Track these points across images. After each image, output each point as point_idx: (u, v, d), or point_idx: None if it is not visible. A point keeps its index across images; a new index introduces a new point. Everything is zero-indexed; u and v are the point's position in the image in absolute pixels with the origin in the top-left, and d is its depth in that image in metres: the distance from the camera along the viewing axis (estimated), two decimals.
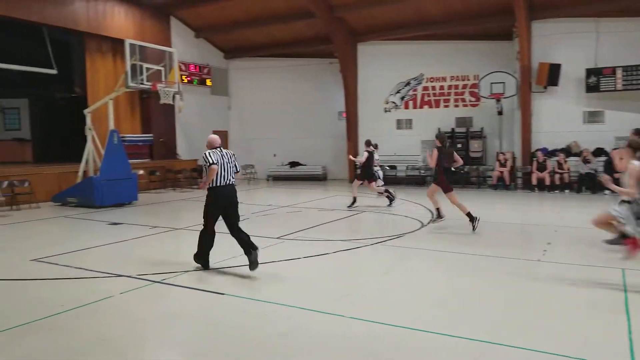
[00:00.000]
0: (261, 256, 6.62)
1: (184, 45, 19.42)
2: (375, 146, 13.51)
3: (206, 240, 6.64)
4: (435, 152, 9.37)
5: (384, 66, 19.37)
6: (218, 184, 6.50)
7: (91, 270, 6.59)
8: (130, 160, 14.26)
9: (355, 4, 17.49)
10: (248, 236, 6.51)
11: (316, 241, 8.40)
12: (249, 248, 6.35)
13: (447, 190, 9.25)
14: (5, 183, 12.71)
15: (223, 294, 5.53)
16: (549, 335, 4.30)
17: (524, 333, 4.37)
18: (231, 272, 6.58)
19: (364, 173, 12.76)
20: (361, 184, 12.88)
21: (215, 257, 7.25)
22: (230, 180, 6.64)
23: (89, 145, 14.03)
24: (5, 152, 20.65)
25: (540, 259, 7.04)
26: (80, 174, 14.08)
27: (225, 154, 6.67)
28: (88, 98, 16.62)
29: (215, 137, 6.87)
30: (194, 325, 4.70)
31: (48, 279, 6.25)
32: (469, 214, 9.01)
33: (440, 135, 9.68)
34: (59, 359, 3.98)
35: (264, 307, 5.12)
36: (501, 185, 16.21)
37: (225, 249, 7.94)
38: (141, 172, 15.77)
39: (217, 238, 6.70)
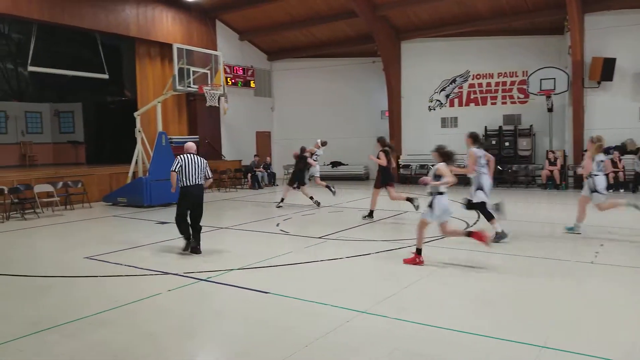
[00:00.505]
0: (303, 256, 6.65)
1: (228, 48, 19.77)
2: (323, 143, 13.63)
3: (181, 224, 7.77)
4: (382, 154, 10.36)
5: (428, 64, 19.10)
6: (186, 184, 7.61)
7: (140, 268, 6.81)
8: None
9: (399, 2, 17.32)
10: (200, 231, 7.76)
11: (359, 241, 8.37)
12: (197, 240, 7.69)
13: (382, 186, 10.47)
14: (60, 184, 13.30)
15: (268, 292, 5.59)
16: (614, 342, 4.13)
17: (576, 337, 4.21)
18: (275, 271, 6.65)
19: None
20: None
21: (260, 256, 7.36)
22: (197, 181, 7.68)
23: (139, 147, 14.50)
24: (60, 154, 21.71)
25: (593, 261, 6.77)
26: (130, 174, 14.57)
27: (194, 159, 7.71)
28: (138, 101, 17.21)
29: (190, 144, 8.09)
30: (239, 323, 4.78)
31: (100, 276, 6.49)
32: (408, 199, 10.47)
33: (381, 138, 11.00)
34: (110, 353, 4.12)
35: (308, 307, 5.14)
36: (551, 184, 15.70)
37: (270, 248, 8.05)
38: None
39: (263, 238, 6.78)
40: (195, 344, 4.38)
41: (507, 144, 17.66)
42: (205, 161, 7.85)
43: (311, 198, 12.75)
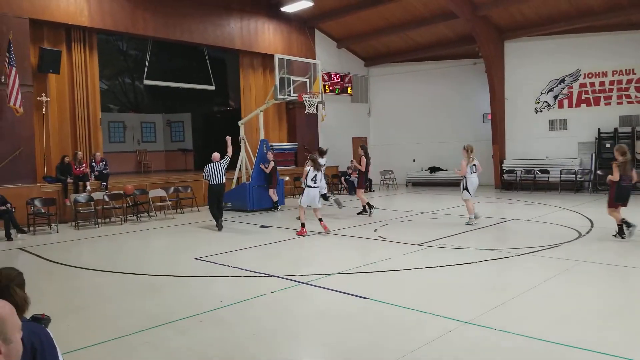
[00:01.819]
0: (402, 263, 6.58)
1: (326, 56, 20.14)
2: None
3: (213, 213, 11.17)
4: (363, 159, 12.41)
5: (534, 63, 18.08)
6: (211, 183, 11.12)
7: (245, 270, 7.12)
8: (278, 167, 15.15)
9: (502, 1, 16.59)
10: (221, 216, 11.11)
11: (460, 249, 8.12)
12: (220, 221, 10.92)
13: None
14: (172, 189, 14.32)
15: (367, 298, 5.60)
16: None
17: None
18: (374, 277, 6.65)
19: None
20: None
21: (358, 261, 7.41)
22: (218, 181, 11.09)
23: (242, 154, 15.19)
24: (172, 161, 23.38)
25: None
26: (234, 180, 15.30)
27: (217, 165, 11.12)
28: (241, 110, 18.08)
29: (215, 154, 11.29)
30: (340, 327, 4.82)
31: (208, 276, 6.88)
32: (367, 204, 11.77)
33: (362, 145, 12.94)
34: (220, 350, 4.36)
35: (408, 314, 5.08)
36: None
37: (368, 254, 8.08)
38: (287, 178, 16.64)
39: (361, 243, 6.78)
40: (300, 345, 4.50)
41: None
42: (224, 163, 11.20)
43: (368, 204, 12.58)
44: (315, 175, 9.96)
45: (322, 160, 12.58)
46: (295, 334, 4.75)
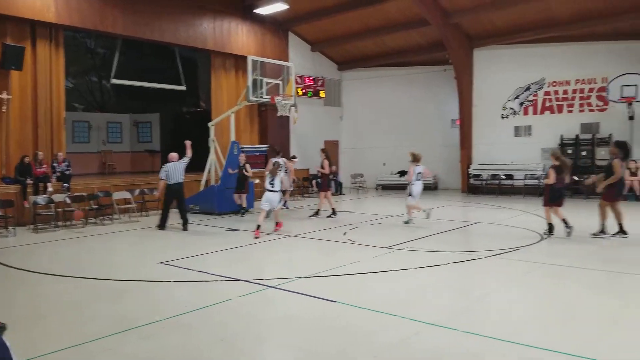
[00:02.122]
0: (371, 265, 6.63)
1: (300, 59, 20.13)
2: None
3: (165, 214, 11.26)
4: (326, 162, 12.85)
5: (501, 71, 18.52)
6: (170, 183, 11.05)
7: (211, 274, 7.03)
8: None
9: (473, 9, 16.90)
10: (185, 217, 11.24)
11: (427, 252, 8.22)
12: (185, 223, 11.11)
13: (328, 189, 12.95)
14: (137, 191, 14.00)
15: (335, 301, 5.60)
16: None
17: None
18: (343, 280, 6.66)
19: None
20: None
21: (327, 264, 7.41)
22: (177, 180, 11.10)
23: (212, 156, 15.02)
24: (138, 162, 22.91)
25: None
26: (202, 182, 15.11)
27: (176, 164, 11.18)
28: (212, 112, 17.88)
29: (173, 154, 11.48)
30: (307, 331, 4.81)
31: (173, 281, 6.76)
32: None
33: (323, 149, 13.48)
34: (184, 356, 4.28)
35: (376, 317, 5.10)
36: (631, 196, 14.69)
37: (337, 257, 8.09)
38: (257, 181, 16.54)
39: (331, 247, 6.78)
40: (266, 350, 4.46)
41: (584, 153, 16.78)
42: (184, 163, 11.27)
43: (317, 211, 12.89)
44: (273, 179, 10.14)
45: (280, 160, 12.67)
46: (261, 338, 4.71)
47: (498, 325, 4.79)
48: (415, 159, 11.26)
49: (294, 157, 16.41)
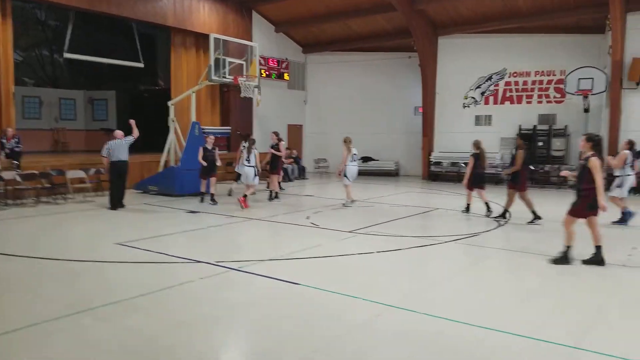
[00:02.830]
0: (334, 249, 6.60)
1: (264, 40, 19.76)
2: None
3: (112, 192, 11.15)
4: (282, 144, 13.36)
5: (464, 60, 18.74)
6: (113, 160, 10.95)
7: (172, 256, 6.82)
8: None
9: None
10: (123, 196, 11.25)
11: (389, 236, 8.26)
12: (120, 201, 11.11)
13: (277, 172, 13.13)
14: (92, 170, 13.47)
15: (298, 283, 5.54)
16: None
17: (609, 339, 4.04)
18: (305, 263, 6.60)
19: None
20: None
21: (290, 248, 7.34)
22: (120, 158, 10.98)
23: (171, 136, 14.62)
24: (93, 141, 21.99)
25: (625, 264, 6.58)
26: (162, 163, 14.71)
27: (121, 141, 11.04)
28: (172, 91, 17.34)
29: (118, 132, 11.35)
30: (269, 313, 4.74)
31: (131, 262, 6.53)
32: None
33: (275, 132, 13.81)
34: (140, 339, 4.13)
35: (338, 299, 5.08)
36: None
37: (300, 241, 8.03)
38: (219, 163, 16.22)
39: (294, 230, 6.71)
40: (224, 334, 4.35)
41: (540, 143, 17.26)
42: (128, 142, 11.16)
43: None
44: (249, 155, 11.49)
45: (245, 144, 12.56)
46: (224, 320, 4.60)
47: (455, 308, 4.86)
48: (347, 143, 11.80)
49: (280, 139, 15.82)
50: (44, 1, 14.54)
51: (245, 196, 11.17)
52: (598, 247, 6.41)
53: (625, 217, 9.47)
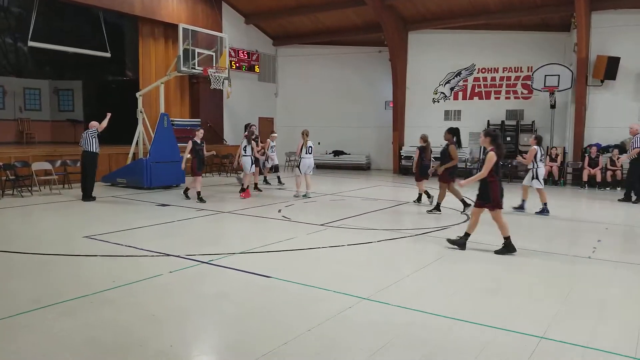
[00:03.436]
0: (305, 242, 6.63)
1: (234, 31, 19.57)
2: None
3: (82, 184, 11.21)
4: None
5: (434, 55, 18.97)
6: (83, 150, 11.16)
7: (141, 249, 6.75)
8: (178, 144, 14.52)
9: None
10: (91, 188, 11.18)
11: (360, 229, 8.34)
12: (88, 193, 11.08)
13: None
14: (59, 162, 13.16)
15: (269, 277, 5.55)
16: (603, 331, 4.11)
17: (576, 330, 4.18)
18: (277, 256, 6.61)
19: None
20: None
21: (262, 241, 7.34)
22: (85, 149, 11.08)
23: (140, 128, 14.37)
24: (59, 132, 21.53)
25: (590, 256, 6.78)
26: (130, 155, 14.45)
27: (86, 132, 11.25)
28: (140, 81, 17.02)
29: (92, 122, 11.52)
30: (240, 306, 4.73)
31: (99, 256, 6.43)
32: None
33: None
34: (110, 333, 4.07)
35: (309, 292, 5.11)
36: (550, 180, 15.68)
37: (272, 234, 8.03)
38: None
39: (265, 224, 6.69)
40: (195, 327, 4.34)
41: (508, 139, 17.61)
42: (90, 133, 11.19)
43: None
44: (246, 145, 11.92)
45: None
46: (194, 313, 4.58)
47: (426, 300, 4.94)
48: (304, 135, 12.18)
49: (273, 132, 15.85)
50: None
51: (243, 190, 11.77)
52: (506, 238, 6.81)
53: (545, 208, 10.17)
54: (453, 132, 10.48)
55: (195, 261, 6.17)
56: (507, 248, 6.79)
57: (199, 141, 11.43)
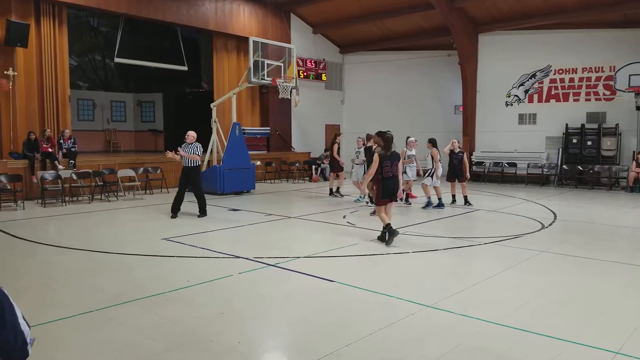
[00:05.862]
0: (369, 248, 6.74)
1: (302, 41, 20.02)
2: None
3: (176, 197, 10.23)
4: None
5: (506, 57, 18.37)
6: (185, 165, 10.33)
7: (213, 251, 7.12)
8: (249, 152, 15.08)
9: None
10: (200, 203, 10.30)
11: (426, 237, 8.28)
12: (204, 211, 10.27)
13: None
14: (141, 170, 14.11)
15: (333, 281, 5.68)
16: None
17: None
18: (341, 261, 6.73)
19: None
20: None
21: (326, 246, 7.49)
22: (185, 164, 10.25)
23: (214, 137, 15.05)
24: (141, 141, 22.98)
25: None
26: (205, 163, 15.15)
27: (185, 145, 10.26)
28: (214, 93, 17.86)
29: (190, 133, 10.50)
30: (305, 308, 4.89)
31: (176, 257, 6.85)
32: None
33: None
34: (184, 327, 4.37)
35: (372, 297, 5.17)
36: (637, 187, 14.72)
37: (336, 239, 8.16)
38: (258, 162, 16.57)
39: (330, 229, 6.83)
40: (261, 325, 4.54)
41: (589, 143, 16.73)
42: (190, 148, 10.25)
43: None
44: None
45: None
46: (260, 313, 4.79)
47: (492, 309, 4.83)
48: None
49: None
50: (96, 8, 15.21)
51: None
52: (385, 226, 7.58)
53: (440, 203, 11.45)
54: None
55: (263, 264, 6.43)
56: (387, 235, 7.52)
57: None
